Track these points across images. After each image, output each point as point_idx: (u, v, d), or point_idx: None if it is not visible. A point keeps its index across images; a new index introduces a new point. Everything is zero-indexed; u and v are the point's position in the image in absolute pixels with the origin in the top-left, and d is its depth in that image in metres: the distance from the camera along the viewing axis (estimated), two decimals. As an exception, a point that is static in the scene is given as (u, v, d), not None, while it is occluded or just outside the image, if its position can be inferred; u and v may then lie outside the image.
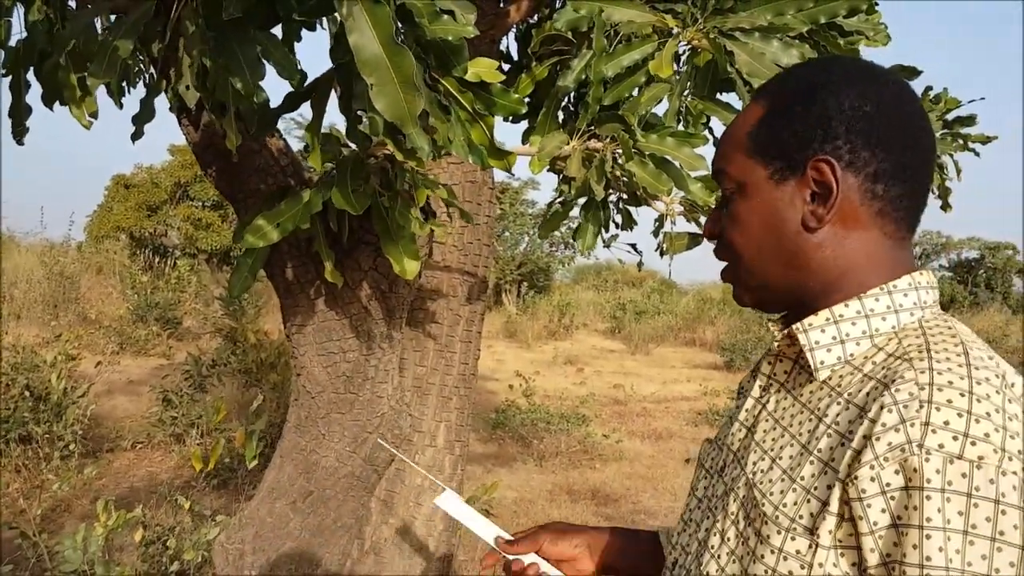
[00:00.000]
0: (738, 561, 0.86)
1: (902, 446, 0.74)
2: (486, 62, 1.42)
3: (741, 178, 0.93)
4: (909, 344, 0.83)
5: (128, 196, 16.75)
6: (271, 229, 1.67)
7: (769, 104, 0.93)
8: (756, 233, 0.92)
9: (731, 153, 0.95)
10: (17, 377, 5.40)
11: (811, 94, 0.89)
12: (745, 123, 0.94)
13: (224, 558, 2.23)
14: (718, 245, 0.99)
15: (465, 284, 2.59)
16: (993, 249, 24.49)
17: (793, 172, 0.89)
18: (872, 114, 0.87)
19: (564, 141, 1.97)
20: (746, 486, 0.89)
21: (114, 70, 1.28)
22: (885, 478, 0.74)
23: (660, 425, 8.86)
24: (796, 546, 0.80)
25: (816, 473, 0.81)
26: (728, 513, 0.90)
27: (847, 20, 1.97)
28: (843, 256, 0.90)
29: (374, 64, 1.09)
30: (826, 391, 0.87)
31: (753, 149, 0.92)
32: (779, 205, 0.90)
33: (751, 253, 0.93)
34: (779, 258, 0.92)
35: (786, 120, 0.90)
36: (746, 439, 0.95)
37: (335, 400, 2.16)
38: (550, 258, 20.80)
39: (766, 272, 0.93)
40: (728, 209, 0.95)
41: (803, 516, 0.80)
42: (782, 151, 0.90)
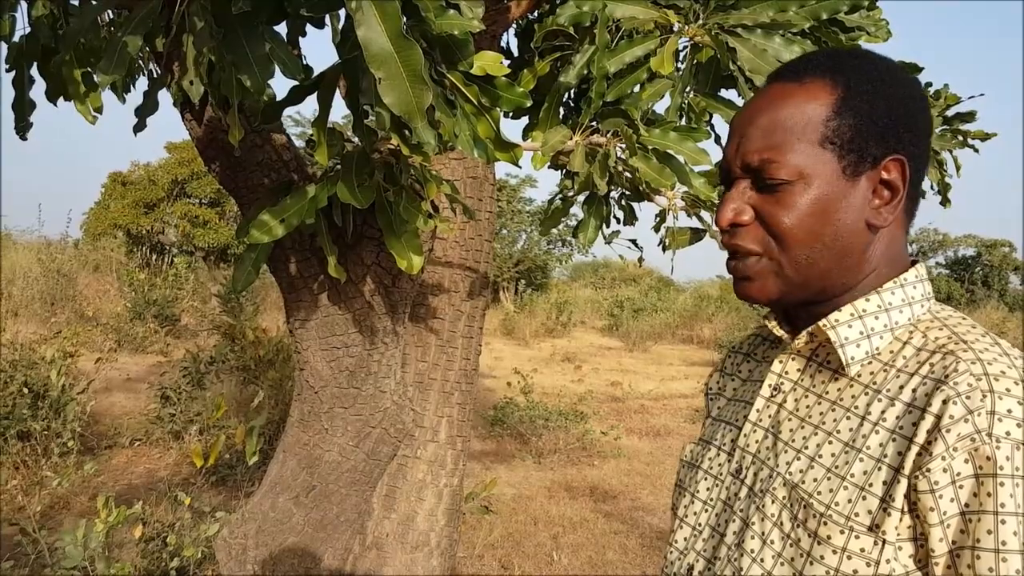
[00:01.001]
0: (787, 564, 0.85)
1: (972, 435, 0.76)
2: (491, 56, 1.43)
3: (806, 169, 0.88)
4: (937, 337, 0.85)
5: (125, 194, 16.71)
6: (276, 224, 1.67)
7: (842, 92, 0.88)
8: (816, 226, 0.88)
9: (791, 141, 0.88)
10: (15, 374, 5.40)
11: (883, 87, 0.88)
12: (810, 110, 0.88)
13: (227, 553, 2.23)
14: (744, 232, 0.92)
15: (466, 280, 2.60)
16: (990, 246, 24.54)
17: (867, 167, 0.88)
18: (918, 112, 0.89)
19: (567, 136, 1.97)
20: (786, 487, 0.88)
21: (123, 66, 1.29)
22: (956, 468, 0.76)
23: (658, 422, 8.88)
24: (860, 544, 0.80)
25: (868, 470, 0.82)
26: (767, 515, 0.88)
27: (848, 16, 1.98)
28: (881, 252, 0.91)
29: (383, 58, 1.09)
30: (859, 388, 0.88)
31: (827, 140, 0.88)
32: (847, 201, 0.88)
33: (804, 244, 0.88)
34: (832, 252, 0.89)
35: (864, 113, 0.87)
36: (768, 439, 0.94)
37: (338, 395, 2.17)
38: (548, 256, 20.80)
39: (814, 265, 0.89)
40: (778, 197, 0.89)
41: (859, 514, 0.81)
42: (863, 145, 0.87)
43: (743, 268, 0.92)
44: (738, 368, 1.12)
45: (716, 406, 1.11)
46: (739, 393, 1.07)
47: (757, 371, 1.07)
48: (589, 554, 4.83)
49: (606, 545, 5.00)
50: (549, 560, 4.70)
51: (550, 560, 4.70)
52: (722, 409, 1.08)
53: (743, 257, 0.92)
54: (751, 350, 1.12)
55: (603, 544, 5.01)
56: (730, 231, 0.93)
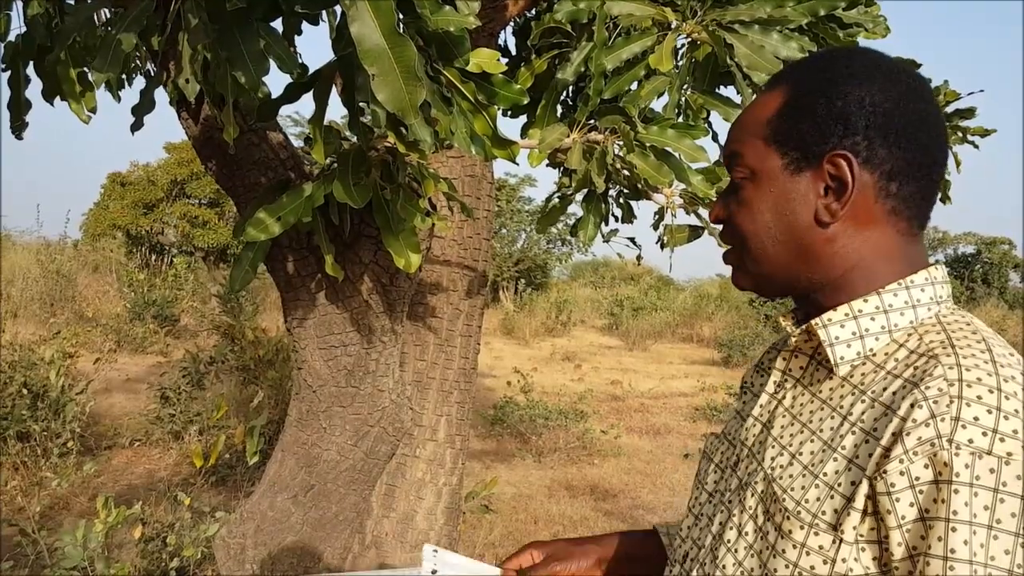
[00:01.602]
0: (756, 555, 0.87)
1: (932, 440, 0.75)
2: (487, 52, 1.42)
3: (755, 165, 0.92)
4: (931, 340, 0.84)
5: (124, 194, 16.72)
6: (272, 222, 1.67)
7: (790, 93, 0.91)
8: (766, 221, 0.92)
9: (747, 139, 0.94)
10: (15, 375, 5.40)
11: (833, 86, 0.88)
12: (764, 110, 0.93)
13: (226, 552, 2.23)
14: (724, 228, 0.99)
15: (465, 278, 2.59)
16: (989, 244, 24.54)
17: (809, 164, 0.89)
18: (891, 111, 0.87)
19: (564, 134, 1.97)
20: (764, 481, 0.89)
21: (118, 64, 1.28)
22: (915, 472, 0.75)
23: (658, 421, 8.88)
24: (819, 541, 0.80)
25: (840, 470, 0.81)
26: (746, 507, 0.90)
27: (846, 12, 1.97)
28: (853, 251, 0.90)
29: (376, 54, 1.09)
30: (848, 388, 0.87)
31: (771, 137, 0.91)
32: (792, 196, 0.90)
33: (758, 240, 0.93)
34: (787, 248, 0.91)
35: (806, 111, 0.89)
36: (762, 434, 0.95)
37: (336, 394, 2.16)
38: (547, 255, 20.80)
39: (771, 260, 0.93)
40: (739, 194, 0.94)
41: (826, 512, 0.81)
42: (800, 142, 0.89)
43: (726, 258, 1.00)
44: (771, 363, 1.11)
45: (743, 400, 1.12)
46: (759, 388, 1.08)
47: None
48: (589, 553, 4.82)
49: (606, 544, 4.99)
50: (549, 559, 4.69)
51: (550, 559, 4.69)
52: (746, 403, 1.09)
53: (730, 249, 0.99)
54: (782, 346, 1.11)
55: (603, 543, 5.00)
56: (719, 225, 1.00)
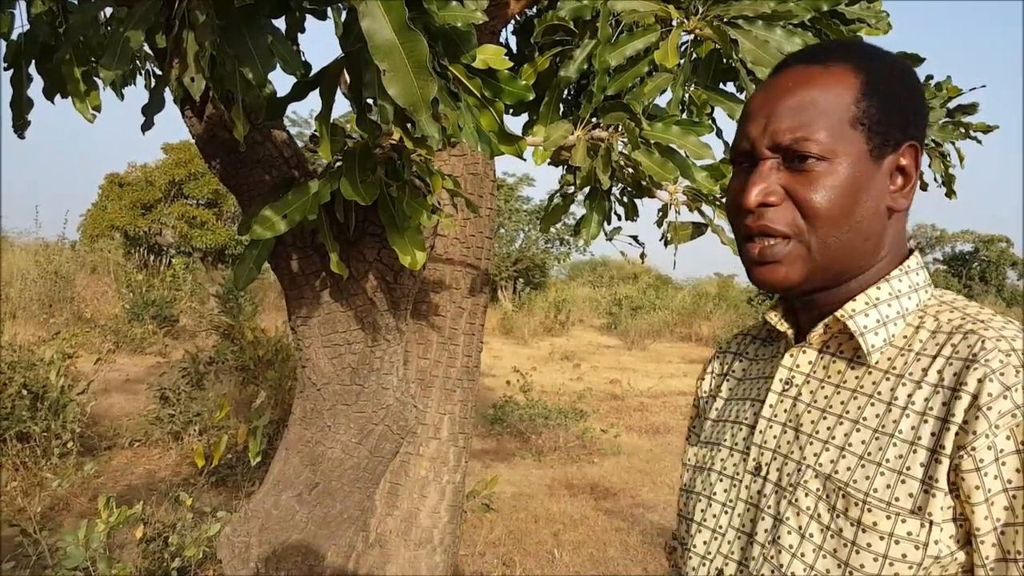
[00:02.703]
0: (830, 555, 0.85)
1: (1012, 411, 0.77)
2: (493, 49, 1.42)
3: (835, 145, 0.88)
4: (949, 319, 0.87)
5: (122, 195, 16.68)
6: (279, 220, 1.67)
7: (869, 77, 0.90)
8: (845, 204, 0.88)
9: (822, 119, 0.88)
10: (14, 376, 5.39)
11: (909, 78, 0.92)
12: (840, 90, 0.89)
13: (230, 551, 2.23)
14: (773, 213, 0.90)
15: (468, 276, 2.60)
16: (987, 242, 24.59)
17: (889, 151, 0.90)
18: (927, 109, 0.93)
19: (569, 131, 1.97)
20: (818, 479, 0.87)
21: (126, 61, 1.28)
22: (999, 445, 0.77)
23: (657, 419, 8.88)
24: (907, 528, 0.80)
25: (903, 454, 0.82)
26: (801, 509, 0.88)
27: (849, 8, 1.98)
28: (890, 240, 0.93)
29: (387, 50, 1.09)
30: (878, 374, 0.88)
31: (858, 119, 0.88)
32: (872, 182, 0.89)
33: (833, 224, 0.88)
34: (859, 234, 0.89)
35: (892, 98, 0.90)
36: (787, 434, 0.93)
37: (340, 392, 2.16)
38: (546, 254, 20.79)
39: (840, 246, 0.89)
40: (807, 175, 0.88)
41: (899, 498, 0.81)
42: (887, 129, 0.89)
43: (770, 252, 0.90)
44: (730, 368, 1.11)
45: (714, 408, 1.09)
46: (739, 392, 1.06)
47: (755, 368, 1.06)
48: (590, 551, 4.83)
49: (607, 542, 5.00)
50: (550, 558, 4.70)
51: (551, 558, 4.70)
52: (722, 409, 1.07)
53: (770, 239, 0.90)
54: (741, 349, 1.12)
55: (604, 541, 5.02)
56: (756, 212, 0.90)
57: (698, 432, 1.14)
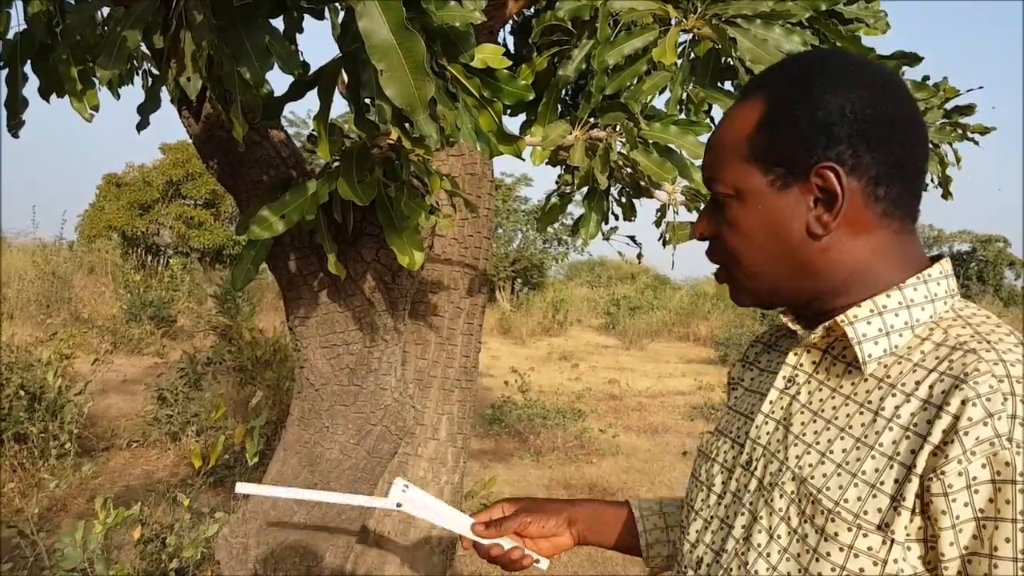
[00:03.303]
0: (794, 559, 0.84)
1: (991, 440, 0.74)
2: (492, 48, 1.42)
3: (739, 185, 0.90)
4: (958, 334, 0.83)
5: (120, 195, 16.66)
6: (276, 220, 1.66)
7: (767, 105, 0.89)
8: (759, 241, 0.90)
9: (726, 157, 0.91)
10: (12, 376, 5.38)
11: (811, 96, 0.86)
12: (742, 125, 0.90)
13: (228, 552, 2.22)
14: (712, 247, 0.97)
15: (466, 277, 2.59)
16: (984, 242, 24.63)
17: (796, 179, 0.87)
18: (871, 116, 0.86)
19: (567, 131, 1.97)
20: (794, 481, 0.86)
21: (122, 60, 1.28)
22: (972, 472, 0.74)
23: (656, 419, 8.88)
24: (868, 543, 0.79)
25: (880, 468, 0.80)
26: (775, 509, 0.87)
27: (847, 8, 1.98)
28: (851, 258, 0.89)
29: (384, 50, 1.08)
30: (874, 383, 0.86)
31: (752, 155, 0.88)
32: (782, 213, 0.88)
33: (754, 260, 0.91)
34: (785, 265, 0.90)
35: (787, 125, 0.87)
36: (779, 432, 0.93)
37: (339, 392, 2.16)
38: (544, 255, 20.80)
39: (767, 276, 0.92)
40: (725, 214, 0.92)
41: (868, 512, 0.79)
42: (784, 158, 0.87)
43: (720, 277, 0.98)
44: (758, 358, 1.11)
45: (734, 396, 1.10)
46: (755, 383, 1.06)
47: (774, 363, 1.05)
48: (588, 551, 4.83)
49: (606, 542, 4.99)
50: (549, 558, 4.69)
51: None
52: (739, 399, 1.07)
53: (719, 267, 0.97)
54: (773, 340, 1.11)
55: (603, 541, 5.00)
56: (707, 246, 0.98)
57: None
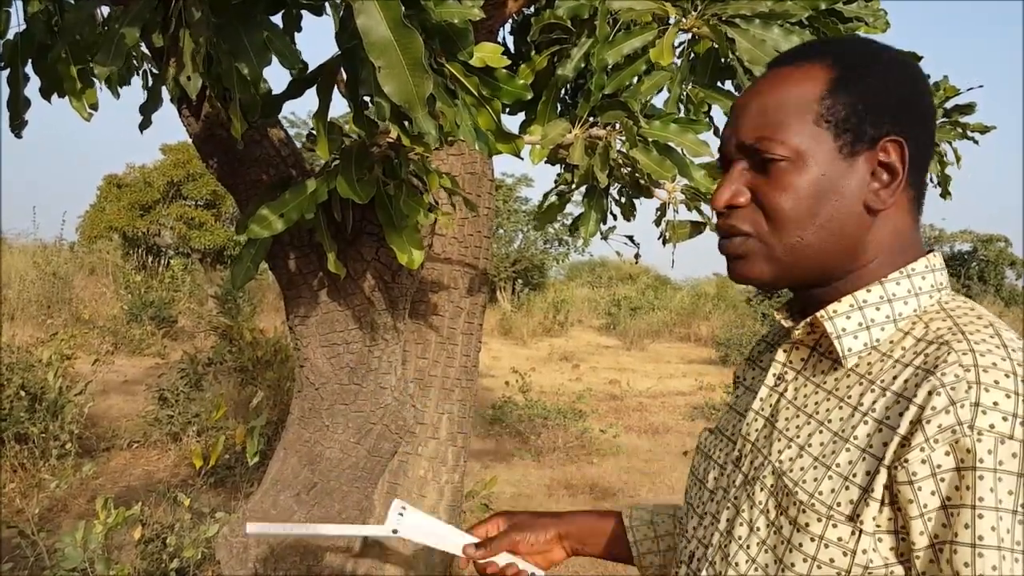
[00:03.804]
0: (771, 551, 0.85)
1: (953, 427, 0.74)
2: (491, 47, 1.42)
3: (803, 147, 0.86)
4: (938, 328, 0.84)
5: (120, 196, 16.66)
6: (276, 219, 1.66)
7: (836, 72, 0.87)
8: (810, 206, 0.87)
9: (788, 120, 0.87)
10: (13, 377, 5.38)
11: (882, 69, 0.88)
12: (806, 89, 0.88)
13: (228, 551, 2.22)
14: (736, 214, 0.91)
15: (466, 276, 2.59)
16: (985, 242, 24.59)
17: (864, 148, 0.86)
18: (925, 102, 0.89)
19: (567, 129, 1.97)
20: (774, 474, 0.88)
21: (120, 57, 1.28)
22: (936, 460, 0.75)
23: (656, 420, 8.88)
24: (838, 533, 0.80)
25: (854, 460, 0.81)
26: (755, 502, 0.88)
27: (847, 7, 1.98)
28: (882, 240, 0.89)
29: (382, 47, 1.08)
30: (855, 379, 0.87)
31: (823, 118, 0.86)
32: (844, 181, 0.87)
33: (798, 226, 0.87)
34: (830, 236, 0.87)
35: (861, 92, 0.86)
36: (766, 428, 0.94)
37: (339, 391, 2.16)
38: (544, 255, 20.80)
39: (808, 247, 0.88)
40: (771, 178, 0.88)
41: (841, 503, 0.80)
42: (856, 125, 0.86)
43: (733, 247, 0.92)
44: (760, 357, 1.12)
45: (736, 394, 1.12)
46: (754, 382, 1.07)
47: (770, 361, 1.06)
48: (590, 551, 4.82)
49: (606, 542, 4.99)
50: (550, 558, 4.69)
51: (551, 558, 4.69)
52: (739, 397, 1.09)
53: (736, 238, 0.91)
54: (775, 340, 1.12)
55: (603, 541, 5.00)
56: (725, 213, 0.92)
57: None
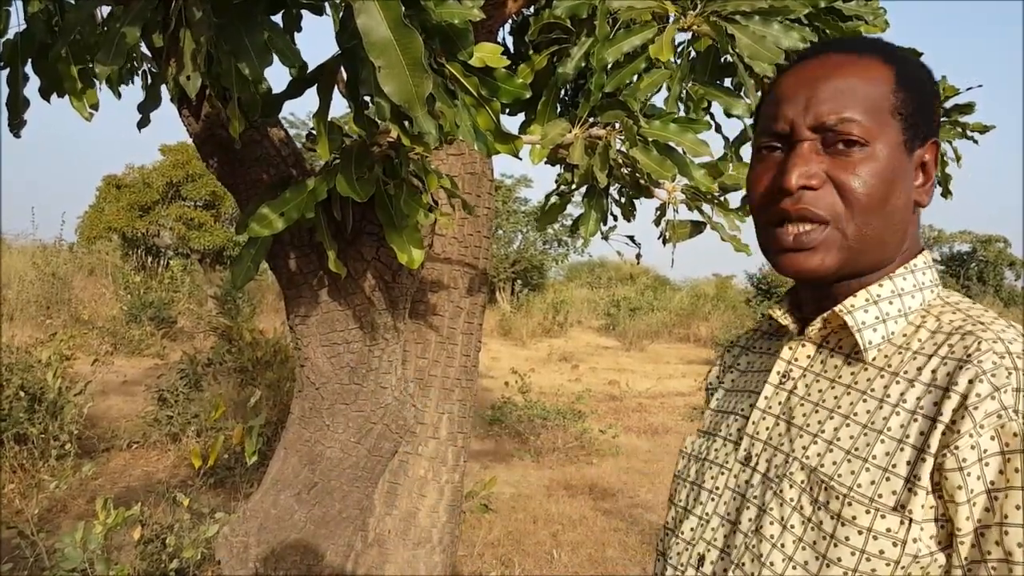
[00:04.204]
0: (809, 547, 0.84)
1: (998, 412, 0.76)
2: (490, 47, 1.42)
3: (876, 131, 0.87)
4: (951, 320, 0.87)
5: (120, 196, 16.65)
6: (276, 218, 1.66)
7: (896, 69, 0.90)
8: (883, 192, 0.87)
9: (868, 106, 0.87)
10: (12, 377, 5.38)
11: (925, 73, 0.92)
12: (878, 80, 0.88)
13: (229, 551, 2.22)
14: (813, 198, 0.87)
15: (466, 276, 2.59)
16: (985, 242, 24.59)
17: (917, 146, 0.90)
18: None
19: (566, 129, 1.97)
20: (804, 471, 0.87)
21: (121, 57, 1.28)
22: (983, 445, 0.76)
23: (656, 420, 8.88)
24: (887, 524, 0.80)
25: (890, 451, 0.82)
26: (785, 500, 0.88)
27: (846, 5, 1.98)
28: (913, 235, 0.93)
29: (382, 46, 1.09)
30: (874, 372, 0.88)
31: (896, 110, 0.88)
32: (903, 175, 0.89)
33: (872, 212, 0.87)
34: (888, 224, 0.89)
35: (919, 92, 0.90)
36: (780, 426, 0.94)
37: (339, 391, 2.16)
38: (544, 256, 20.79)
39: (873, 235, 0.88)
40: (851, 161, 0.86)
41: (882, 494, 0.81)
42: (917, 122, 0.89)
43: (807, 238, 0.87)
44: (736, 361, 1.13)
45: (715, 398, 1.11)
46: (739, 383, 1.08)
47: (758, 362, 1.07)
48: (589, 551, 4.83)
49: (606, 542, 5.00)
50: (549, 558, 4.70)
51: (550, 558, 4.70)
52: (722, 400, 1.09)
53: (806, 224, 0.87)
54: (749, 344, 1.13)
55: (603, 541, 5.01)
56: (796, 195, 0.87)
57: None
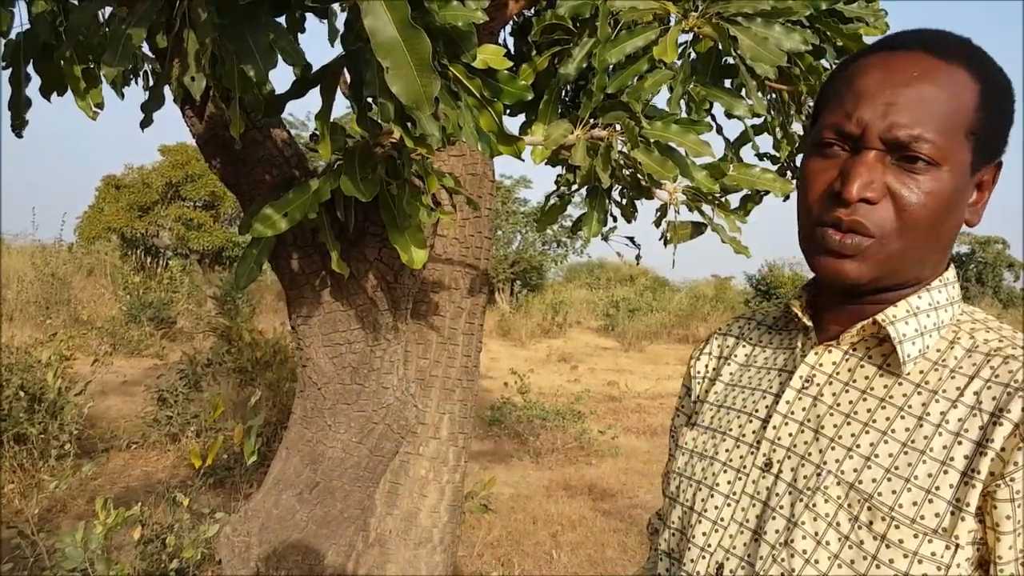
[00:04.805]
0: (846, 566, 0.82)
1: None
2: (493, 49, 1.43)
3: (947, 152, 0.83)
4: (986, 339, 0.87)
5: (119, 197, 16.65)
6: (279, 218, 1.67)
7: (983, 86, 0.85)
8: (938, 214, 0.84)
9: (943, 123, 0.83)
10: (12, 377, 5.38)
11: (1011, 92, 0.88)
12: (962, 97, 0.84)
13: (230, 551, 2.23)
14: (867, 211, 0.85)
15: (467, 276, 2.60)
16: (983, 244, 24.61)
17: (983, 166, 0.88)
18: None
19: (568, 130, 1.97)
20: (840, 486, 0.85)
21: (127, 58, 1.28)
22: None
23: (655, 421, 8.88)
24: (932, 548, 0.79)
25: (934, 473, 0.81)
26: (819, 514, 0.85)
27: (847, 7, 1.99)
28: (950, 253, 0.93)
29: (390, 47, 1.09)
30: (909, 387, 0.87)
31: (973, 131, 0.85)
32: (965, 195, 0.87)
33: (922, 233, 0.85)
34: (936, 241, 0.87)
35: (1000, 112, 0.87)
36: (804, 434, 0.91)
37: (341, 391, 2.17)
38: (543, 256, 20.80)
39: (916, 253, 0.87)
40: (913, 178, 0.84)
41: (924, 516, 0.80)
42: (990, 143, 0.86)
43: (851, 246, 0.85)
44: (733, 352, 1.08)
45: (713, 391, 1.07)
46: (743, 379, 1.03)
47: (762, 356, 1.03)
48: (588, 552, 4.84)
49: (605, 543, 5.00)
50: (549, 558, 4.70)
51: (550, 558, 4.70)
52: (724, 395, 1.04)
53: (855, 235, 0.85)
54: (744, 333, 1.09)
55: (602, 542, 5.02)
56: (852, 208, 0.85)
57: (687, 413, 1.13)
